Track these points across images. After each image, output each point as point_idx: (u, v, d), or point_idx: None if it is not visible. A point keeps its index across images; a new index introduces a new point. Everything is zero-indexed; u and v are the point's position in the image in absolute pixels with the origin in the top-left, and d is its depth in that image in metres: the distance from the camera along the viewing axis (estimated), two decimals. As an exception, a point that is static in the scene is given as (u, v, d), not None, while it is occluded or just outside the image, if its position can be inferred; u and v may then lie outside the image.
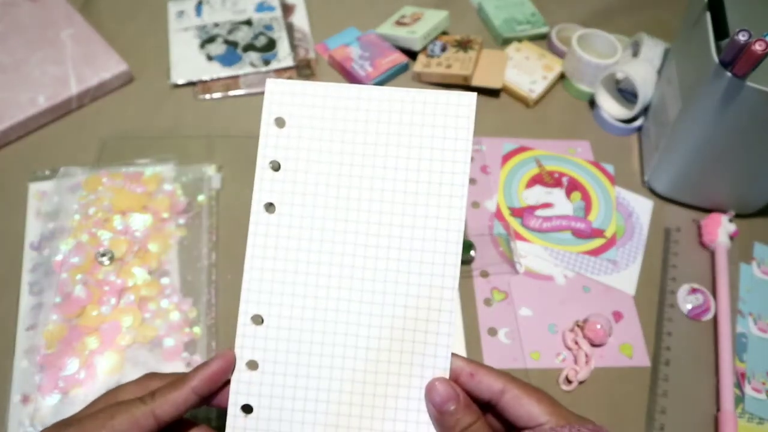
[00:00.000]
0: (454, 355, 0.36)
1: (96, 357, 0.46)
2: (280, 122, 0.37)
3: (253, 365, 0.35)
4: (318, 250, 0.36)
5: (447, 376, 0.35)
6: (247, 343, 0.35)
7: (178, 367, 0.46)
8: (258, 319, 0.35)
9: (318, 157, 0.36)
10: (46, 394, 0.44)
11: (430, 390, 0.34)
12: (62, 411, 0.43)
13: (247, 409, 0.34)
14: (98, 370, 0.45)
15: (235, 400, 0.34)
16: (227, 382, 0.34)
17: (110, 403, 0.32)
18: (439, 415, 0.34)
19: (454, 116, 0.38)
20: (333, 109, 0.37)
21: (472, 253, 0.52)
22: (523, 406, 0.34)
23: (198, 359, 0.46)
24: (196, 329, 0.48)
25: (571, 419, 0.34)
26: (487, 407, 0.35)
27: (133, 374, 0.45)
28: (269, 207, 0.36)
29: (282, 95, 0.37)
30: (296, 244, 0.36)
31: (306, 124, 0.37)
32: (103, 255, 0.48)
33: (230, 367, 0.34)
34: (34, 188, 0.54)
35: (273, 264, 0.36)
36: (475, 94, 0.38)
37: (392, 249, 0.36)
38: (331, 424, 0.34)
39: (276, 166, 0.36)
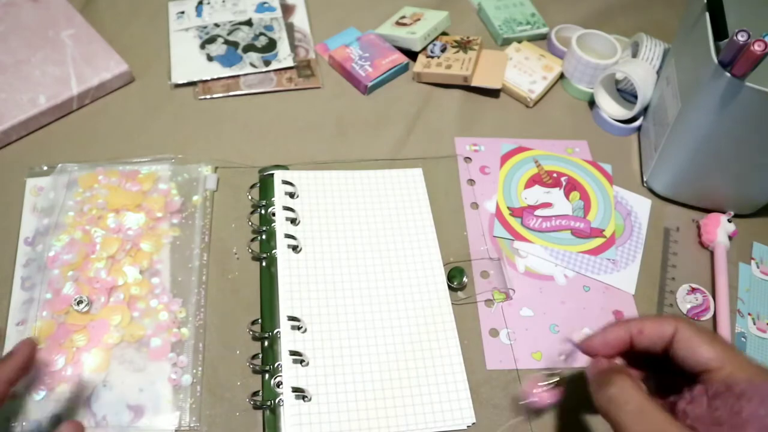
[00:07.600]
0: (618, 322, 0.38)
1: (83, 354, 0.46)
2: (291, 195, 0.54)
3: (297, 360, 0.45)
4: (332, 273, 0.51)
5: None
6: (288, 345, 0.46)
7: (164, 367, 0.46)
8: (294, 319, 0.47)
9: (322, 213, 0.54)
10: (32, 390, 0.44)
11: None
12: (47, 407, 0.43)
13: (298, 392, 0.44)
14: (84, 368, 0.45)
15: (288, 384, 0.44)
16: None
17: None
18: None
19: (413, 184, 0.57)
20: (325, 185, 0.56)
21: (464, 279, 0.52)
22: (694, 351, 0.33)
23: (184, 360, 0.46)
24: (184, 330, 0.48)
25: (751, 370, 0.31)
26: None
27: (119, 372, 0.45)
28: (295, 248, 0.51)
29: (287, 179, 0.55)
30: (316, 267, 0.51)
31: (311, 194, 0.55)
32: (79, 303, 0.47)
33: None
34: (32, 183, 0.54)
35: (303, 279, 0.50)
36: (420, 169, 0.58)
37: (384, 266, 0.52)
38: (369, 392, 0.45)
39: (294, 221, 0.53)
